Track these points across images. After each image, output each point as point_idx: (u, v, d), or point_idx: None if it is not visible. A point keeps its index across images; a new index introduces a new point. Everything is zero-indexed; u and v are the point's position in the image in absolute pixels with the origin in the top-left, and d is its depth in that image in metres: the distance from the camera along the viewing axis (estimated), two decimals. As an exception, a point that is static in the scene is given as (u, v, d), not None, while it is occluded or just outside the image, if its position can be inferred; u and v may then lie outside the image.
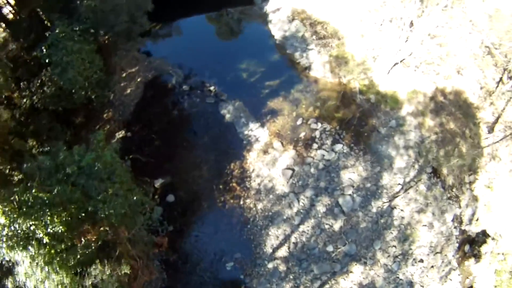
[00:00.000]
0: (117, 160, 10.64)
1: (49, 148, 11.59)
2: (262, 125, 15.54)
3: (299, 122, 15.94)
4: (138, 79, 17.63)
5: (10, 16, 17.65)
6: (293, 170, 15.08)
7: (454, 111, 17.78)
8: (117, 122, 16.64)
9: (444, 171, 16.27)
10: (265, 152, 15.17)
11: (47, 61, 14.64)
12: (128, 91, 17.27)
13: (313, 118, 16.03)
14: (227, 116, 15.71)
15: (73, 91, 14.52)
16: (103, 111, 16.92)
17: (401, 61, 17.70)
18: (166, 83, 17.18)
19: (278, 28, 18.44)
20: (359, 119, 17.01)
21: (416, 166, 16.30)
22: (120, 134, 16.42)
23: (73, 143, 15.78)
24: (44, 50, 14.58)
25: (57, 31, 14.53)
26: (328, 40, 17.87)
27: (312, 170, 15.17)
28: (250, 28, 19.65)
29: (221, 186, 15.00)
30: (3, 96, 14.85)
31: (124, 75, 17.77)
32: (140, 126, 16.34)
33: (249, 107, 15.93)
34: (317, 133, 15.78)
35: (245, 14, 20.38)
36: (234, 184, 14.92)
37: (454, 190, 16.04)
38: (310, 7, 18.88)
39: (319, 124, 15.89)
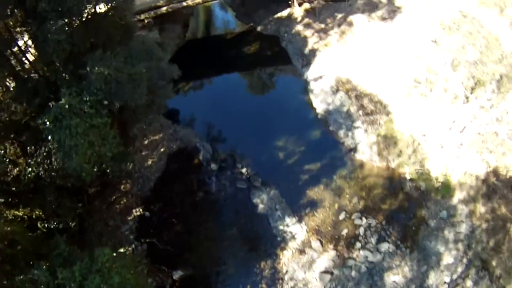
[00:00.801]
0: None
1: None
2: (300, 220, 13.96)
3: (341, 216, 14.22)
4: (162, 149, 16.51)
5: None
6: (332, 273, 14.20)
7: (506, 193, 15.79)
8: (134, 196, 15.98)
9: (493, 262, 14.66)
10: (302, 252, 13.53)
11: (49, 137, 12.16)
12: (150, 162, 16.09)
13: (357, 212, 14.81)
14: (261, 206, 14.09)
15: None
16: (120, 182, 15.50)
17: (453, 139, 16.38)
18: (192, 157, 16.08)
19: (320, 100, 16.91)
20: (408, 210, 15.65)
21: (465, 260, 14.76)
22: (137, 211, 14.93)
23: (86, 216, 14.05)
24: (47, 123, 11.86)
25: (62, 101, 11.85)
26: (376, 117, 16.20)
27: (353, 273, 13.63)
28: (289, 95, 17.97)
29: (248, 287, 13.95)
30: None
31: (146, 142, 16.33)
32: (160, 205, 15.60)
33: (286, 196, 14.45)
34: (361, 230, 14.30)
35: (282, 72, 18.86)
36: (264, 286, 14.09)
37: (501, 280, 14.35)
38: (356, 77, 17.57)
39: (364, 220, 14.52)
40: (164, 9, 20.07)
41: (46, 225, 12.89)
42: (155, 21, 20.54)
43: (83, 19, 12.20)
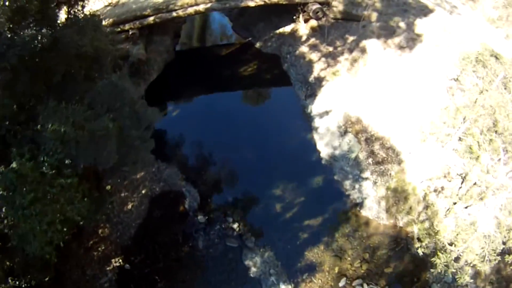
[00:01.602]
0: None
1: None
2: (296, 287, 12.23)
3: (341, 283, 13.36)
4: (143, 191, 14.95)
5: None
6: None
7: (513, 251, 14.82)
8: (113, 244, 14.75)
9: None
10: (296, 325, 12.06)
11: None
12: (130, 206, 14.60)
13: (359, 279, 13.52)
14: (253, 269, 12.88)
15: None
16: (98, 226, 13.85)
17: (465, 195, 14.94)
18: (177, 204, 14.86)
19: (325, 142, 15.37)
20: (412, 274, 14.58)
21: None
22: (117, 261, 13.36)
23: (62, 261, 12.39)
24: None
25: (13, 165, 9.06)
26: (387, 166, 14.95)
27: None
28: (289, 131, 16.34)
29: None
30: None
31: (125, 182, 14.47)
32: (142, 257, 14.48)
33: (282, 259, 13.39)
34: (362, 299, 12.75)
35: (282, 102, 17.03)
36: None
37: None
38: (367, 116, 16.19)
39: (365, 286, 12.68)
40: (151, 19, 17.91)
41: (17, 282, 11.12)
42: (142, 31, 18.22)
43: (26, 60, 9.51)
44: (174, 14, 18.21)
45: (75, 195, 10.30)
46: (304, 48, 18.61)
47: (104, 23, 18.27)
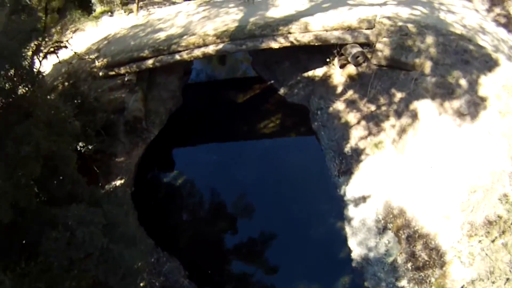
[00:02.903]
0: None
1: None
2: None
3: None
4: (141, 284, 12.32)
5: None
6: None
7: None
8: None
9: None
10: None
11: None
12: None
13: None
14: None
15: None
16: None
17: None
18: None
19: (359, 240, 13.32)
20: None
21: None
22: None
23: None
24: None
25: None
26: (427, 272, 13.17)
27: None
28: (315, 216, 14.33)
29: None
30: None
31: None
32: None
33: None
34: None
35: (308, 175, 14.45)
36: None
37: None
38: (413, 206, 15.12)
39: None
40: (150, 62, 15.66)
41: None
42: (141, 74, 15.04)
43: None
44: (178, 57, 16.16)
45: None
46: (339, 105, 15.96)
47: (97, 63, 15.48)
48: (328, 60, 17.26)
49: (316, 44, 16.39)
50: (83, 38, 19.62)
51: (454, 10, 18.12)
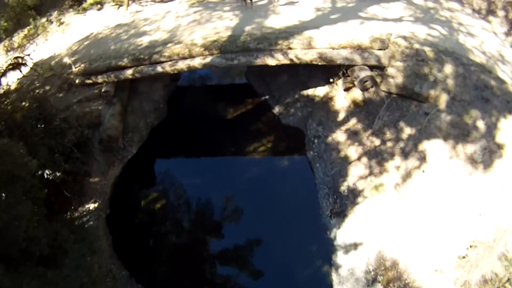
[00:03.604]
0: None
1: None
2: None
3: None
4: None
5: None
6: None
7: None
8: None
9: None
10: None
11: None
12: None
13: None
14: None
15: None
16: None
17: None
18: None
19: None
20: None
21: None
22: None
23: None
24: None
25: None
26: None
27: None
28: (300, 260, 13.94)
29: None
30: None
31: None
32: None
33: None
34: None
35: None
36: None
37: None
38: (406, 258, 12.82)
39: None
40: (129, 72, 14.06)
41: None
42: (122, 82, 13.27)
43: None
44: (159, 69, 14.35)
45: None
46: (339, 135, 14.71)
47: (73, 69, 13.70)
48: (331, 80, 15.64)
49: (320, 63, 14.49)
50: (67, 34, 17.62)
51: (473, 32, 16.70)
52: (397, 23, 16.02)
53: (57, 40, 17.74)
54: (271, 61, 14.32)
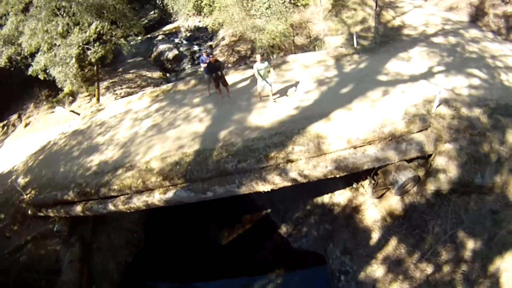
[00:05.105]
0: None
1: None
2: None
3: None
4: None
5: None
6: None
7: None
8: None
9: None
10: None
11: None
12: None
13: None
14: None
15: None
16: None
17: None
18: None
19: None
20: None
21: None
22: None
23: None
24: None
25: None
26: None
27: None
28: None
29: None
30: None
31: None
32: None
33: None
34: None
35: None
36: None
37: None
38: None
39: None
40: (78, 209, 11.22)
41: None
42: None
43: None
44: (111, 207, 10.47)
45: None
46: (375, 267, 10.13)
47: (24, 196, 10.95)
48: (354, 186, 11.27)
49: (338, 175, 9.97)
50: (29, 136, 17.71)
51: (510, 63, 12.77)
52: (429, 80, 11.96)
53: (18, 143, 17.13)
54: (262, 187, 9.91)
